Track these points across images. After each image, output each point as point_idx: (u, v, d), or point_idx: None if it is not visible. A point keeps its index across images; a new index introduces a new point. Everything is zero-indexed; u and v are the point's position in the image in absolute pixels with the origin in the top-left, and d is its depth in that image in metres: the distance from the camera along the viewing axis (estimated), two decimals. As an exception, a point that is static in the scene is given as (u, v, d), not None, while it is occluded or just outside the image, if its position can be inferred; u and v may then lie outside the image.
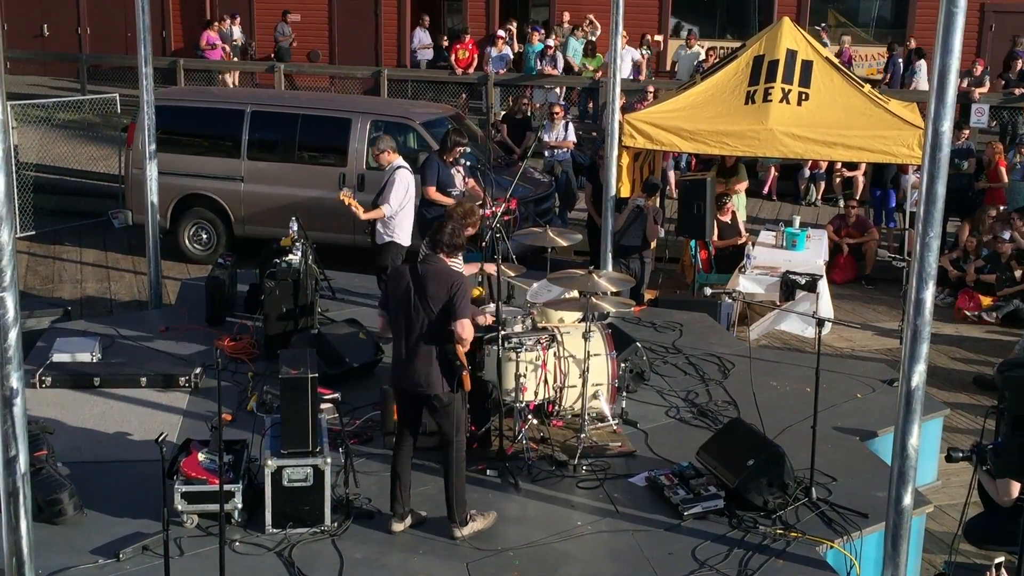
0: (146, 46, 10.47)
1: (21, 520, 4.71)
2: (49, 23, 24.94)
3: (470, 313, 6.45)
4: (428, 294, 6.38)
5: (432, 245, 6.70)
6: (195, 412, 8.15)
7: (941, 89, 5.44)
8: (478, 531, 6.54)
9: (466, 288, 6.47)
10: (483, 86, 19.69)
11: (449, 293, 6.35)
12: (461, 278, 6.53)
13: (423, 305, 6.39)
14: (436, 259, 6.58)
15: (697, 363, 9.41)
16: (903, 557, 6.04)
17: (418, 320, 6.40)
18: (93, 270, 13.96)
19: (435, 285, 6.39)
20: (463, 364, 6.38)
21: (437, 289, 6.37)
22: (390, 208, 9.60)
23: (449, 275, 6.47)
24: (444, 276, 6.44)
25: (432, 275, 6.44)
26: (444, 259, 6.59)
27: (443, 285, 6.38)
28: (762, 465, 6.80)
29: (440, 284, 6.39)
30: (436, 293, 6.36)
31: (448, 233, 6.62)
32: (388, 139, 10.10)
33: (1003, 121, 17.59)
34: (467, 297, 6.43)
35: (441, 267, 6.52)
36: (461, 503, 6.52)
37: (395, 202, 9.60)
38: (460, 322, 6.32)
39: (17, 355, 4.63)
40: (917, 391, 5.78)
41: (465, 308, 6.37)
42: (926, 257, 5.61)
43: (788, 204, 16.81)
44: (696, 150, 12.05)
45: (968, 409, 9.95)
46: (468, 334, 6.37)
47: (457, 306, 6.34)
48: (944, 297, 12.98)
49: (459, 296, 6.35)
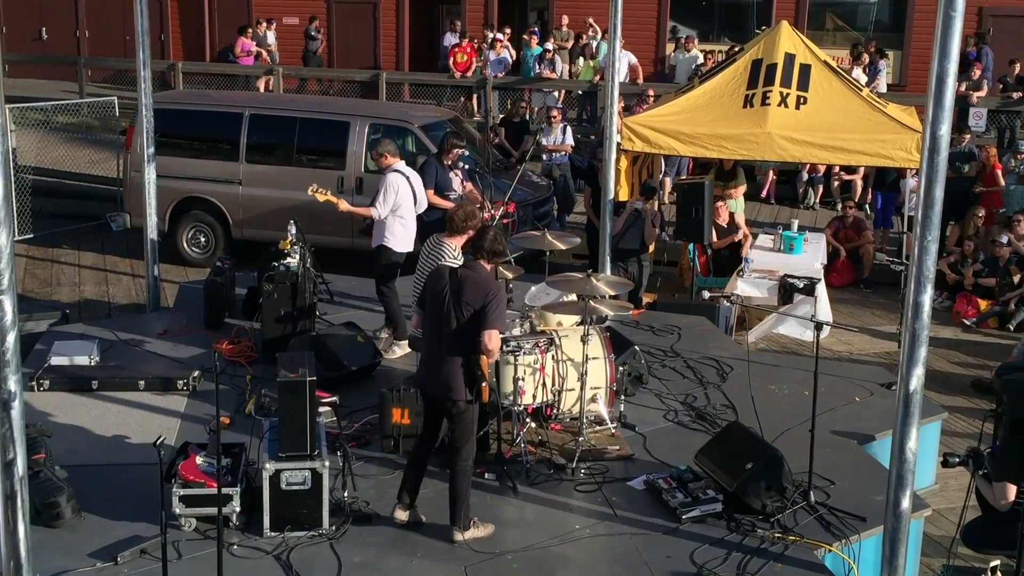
0: (145, 49, 10.46)
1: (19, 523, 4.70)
2: (48, 26, 24.94)
3: (501, 325, 6.41)
4: (463, 299, 6.36)
5: (474, 251, 6.65)
6: (193, 415, 8.14)
7: (939, 93, 5.44)
8: (477, 538, 6.53)
9: (501, 299, 6.41)
10: (481, 89, 19.71)
11: (484, 301, 6.32)
12: (498, 288, 6.47)
13: (456, 309, 6.38)
14: (477, 265, 6.55)
15: (695, 366, 9.41)
16: (901, 561, 6.04)
17: (449, 323, 6.39)
18: (91, 273, 13.96)
19: (471, 291, 6.37)
20: (484, 375, 6.35)
21: (473, 295, 6.35)
22: (378, 212, 9.42)
23: (487, 283, 6.43)
24: (482, 283, 6.42)
25: (470, 281, 6.43)
26: (485, 265, 6.56)
27: (479, 292, 6.36)
28: (760, 469, 6.80)
29: (477, 291, 6.37)
30: (471, 299, 6.34)
31: (490, 239, 6.58)
32: (387, 142, 9.99)
33: (1001, 125, 17.60)
34: (501, 308, 6.38)
35: (481, 274, 6.50)
36: (465, 509, 6.52)
37: (383, 207, 9.43)
38: (488, 332, 6.28)
39: (15, 358, 4.62)
40: (915, 395, 5.79)
41: (496, 319, 6.32)
42: (924, 261, 5.62)
43: (786, 208, 16.83)
44: (694, 154, 12.05)
45: (966, 413, 9.95)
46: (495, 345, 6.34)
47: (489, 315, 6.30)
48: (942, 301, 12.99)
49: (493, 305, 6.31)
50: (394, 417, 7.51)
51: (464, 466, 6.50)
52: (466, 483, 6.52)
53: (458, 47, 20.34)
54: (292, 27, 22.82)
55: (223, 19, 24.11)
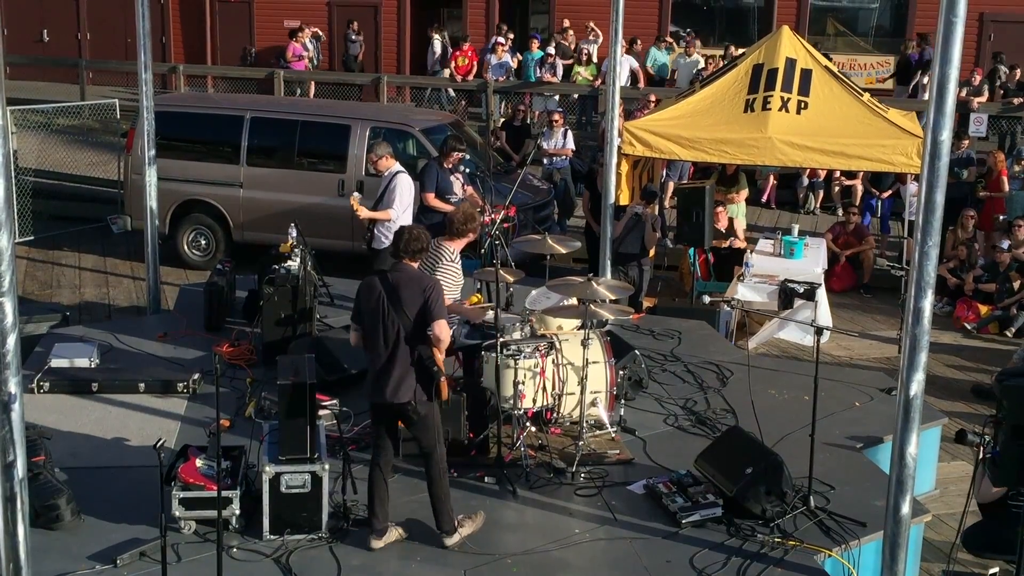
0: (146, 52, 10.48)
1: (18, 525, 4.70)
2: (49, 28, 24.97)
3: (445, 313, 6.39)
4: (402, 300, 6.32)
5: (395, 254, 6.55)
6: (193, 418, 8.14)
7: (940, 99, 5.45)
8: (468, 535, 6.52)
9: (440, 290, 6.41)
10: (483, 93, 19.71)
11: (424, 296, 6.30)
12: (434, 281, 6.51)
13: (397, 312, 6.33)
14: (404, 266, 6.50)
15: (695, 371, 9.41)
16: (901, 566, 6.04)
17: (393, 329, 6.33)
18: (92, 275, 13.97)
19: (408, 291, 6.33)
20: (440, 370, 6.32)
21: (411, 294, 6.32)
22: (395, 212, 9.59)
23: (421, 278, 6.45)
24: (416, 280, 6.41)
25: (404, 281, 6.39)
26: (411, 264, 6.52)
27: (416, 289, 6.33)
28: (760, 473, 6.79)
29: (413, 288, 6.34)
30: (410, 299, 6.31)
31: (405, 240, 6.49)
32: (385, 145, 10.09)
33: (1001, 131, 17.61)
34: (441, 298, 6.37)
35: (412, 272, 6.47)
36: (447, 512, 6.48)
37: (399, 206, 9.59)
38: (436, 323, 6.25)
39: (15, 360, 4.62)
40: (915, 400, 5.79)
41: (440, 309, 6.31)
42: (925, 266, 5.62)
43: (787, 212, 16.83)
44: (695, 158, 12.06)
45: (966, 418, 9.94)
46: (445, 335, 6.30)
47: (432, 307, 6.28)
48: (942, 306, 12.99)
49: (433, 297, 6.30)
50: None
51: (439, 470, 6.46)
52: (444, 486, 6.48)
53: (459, 51, 20.36)
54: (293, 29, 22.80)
55: (224, 22, 24.13)
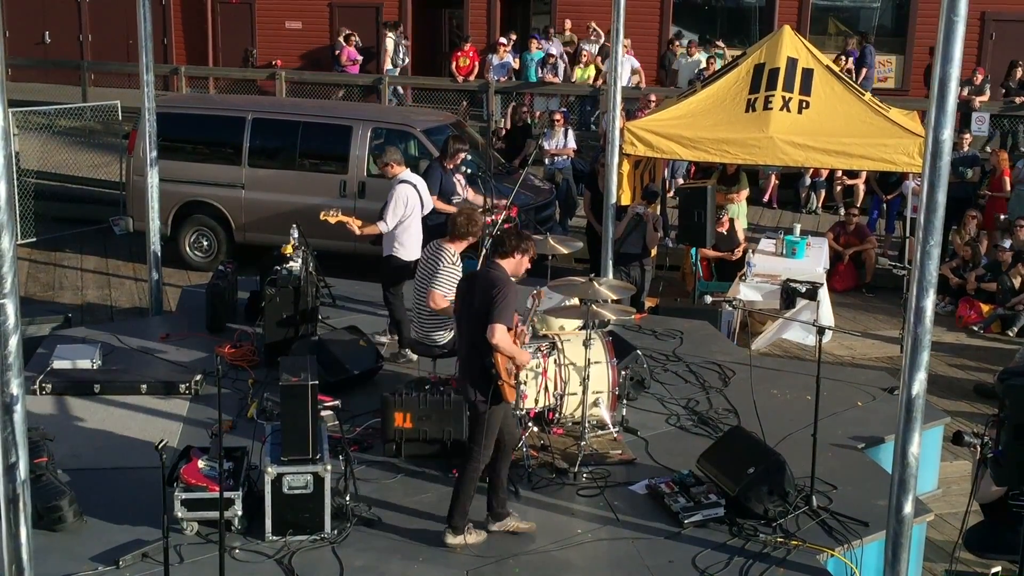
0: (148, 53, 10.48)
1: (21, 527, 4.70)
2: (51, 30, 24.99)
3: (506, 320, 6.28)
4: (475, 301, 6.37)
5: (490, 253, 6.70)
6: (195, 419, 8.14)
7: (941, 98, 5.45)
8: (468, 544, 6.49)
9: (507, 294, 6.30)
10: (484, 94, 19.72)
11: (490, 298, 6.28)
12: (505, 284, 6.37)
13: (469, 311, 6.41)
14: (494, 264, 6.55)
15: (698, 371, 9.41)
16: (903, 565, 6.03)
17: (468, 328, 6.43)
18: (94, 277, 13.98)
19: (481, 292, 6.36)
20: (498, 374, 6.26)
21: (482, 295, 6.34)
22: (386, 225, 9.37)
23: (495, 281, 6.38)
24: (490, 281, 6.39)
25: (480, 281, 6.44)
26: (498, 263, 6.53)
27: (487, 291, 6.33)
28: (763, 473, 6.79)
29: (485, 290, 6.35)
30: (481, 300, 6.33)
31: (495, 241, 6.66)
32: (393, 151, 9.90)
33: (1003, 130, 17.60)
34: (505, 303, 6.26)
35: (492, 274, 6.45)
36: (462, 513, 6.49)
37: (391, 219, 9.36)
38: (491, 326, 6.21)
39: (18, 362, 4.62)
40: (918, 399, 5.78)
41: (500, 313, 6.23)
42: (927, 265, 5.62)
43: (789, 212, 16.83)
44: (697, 158, 12.06)
45: (969, 418, 9.94)
46: (498, 339, 6.22)
47: (491, 311, 6.24)
48: (945, 305, 12.98)
49: (496, 300, 6.25)
50: (396, 421, 7.51)
51: (470, 469, 6.47)
52: (469, 487, 6.48)
53: (460, 51, 20.37)
54: (295, 31, 22.84)
55: (226, 23, 24.14)
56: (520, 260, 6.58)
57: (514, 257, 6.55)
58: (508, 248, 6.54)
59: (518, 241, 6.56)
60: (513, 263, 6.55)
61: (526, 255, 6.59)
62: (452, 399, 7.47)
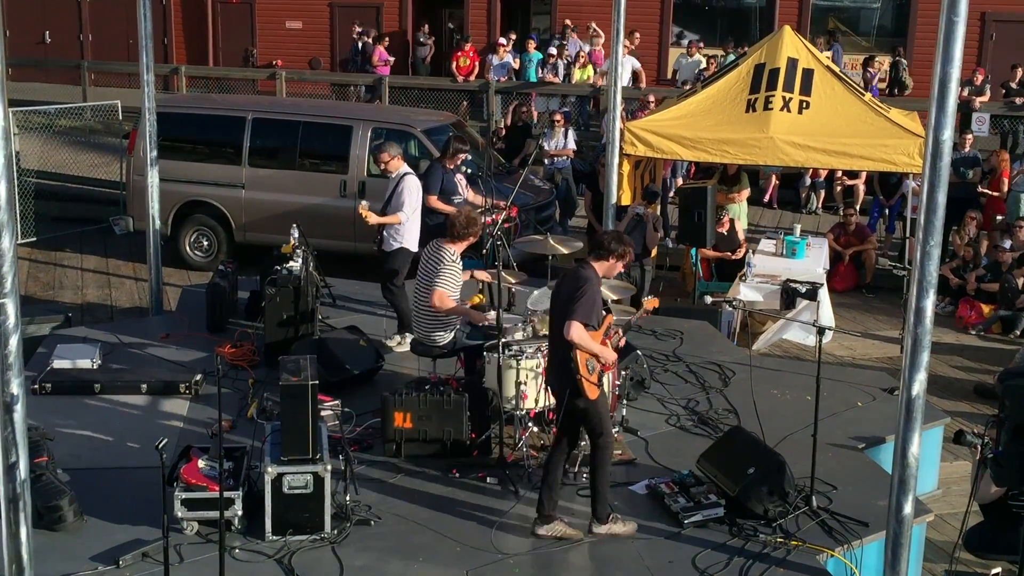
0: (148, 53, 10.48)
1: (21, 526, 4.70)
2: (51, 30, 24.99)
3: (583, 317, 6.33)
4: (560, 298, 6.50)
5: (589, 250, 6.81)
6: (195, 419, 8.15)
7: (942, 98, 5.45)
8: (616, 533, 6.60)
9: (588, 292, 6.38)
10: (484, 94, 19.72)
11: (572, 295, 6.39)
12: (588, 283, 6.45)
13: (555, 308, 6.55)
14: (585, 264, 6.65)
15: (698, 371, 9.41)
16: (903, 566, 6.03)
17: (556, 325, 6.54)
18: (94, 276, 13.98)
19: (566, 289, 6.48)
20: (577, 369, 6.31)
21: (567, 291, 6.45)
22: (404, 215, 9.57)
23: (579, 280, 6.48)
24: (574, 280, 6.50)
25: (567, 279, 6.56)
26: (591, 263, 6.62)
27: (572, 288, 6.44)
28: (763, 473, 6.80)
29: (570, 287, 6.46)
30: (565, 297, 6.44)
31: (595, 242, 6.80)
32: (396, 146, 10.03)
33: (1003, 130, 17.60)
34: (583, 300, 6.34)
35: (580, 272, 6.56)
36: (602, 501, 6.59)
37: (409, 209, 9.58)
38: (567, 322, 6.30)
39: (18, 361, 4.63)
40: (917, 400, 5.78)
41: (579, 310, 6.31)
42: (927, 266, 5.62)
43: (789, 212, 16.83)
44: (697, 158, 12.06)
45: (969, 418, 9.93)
46: (573, 335, 6.27)
47: (570, 307, 6.34)
48: (945, 306, 12.98)
49: (576, 297, 6.35)
50: (396, 421, 7.51)
51: (598, 459, 6.56)
52: (602, 477, 6.58)
53: (461, 51, 20.37)
54: (296, 31, 22.85)
55: (226, 23, 24.16)
56: (614, 264, 6.69)
57: (609, 261, 6.64)
58: (606, 251, 6.62)
59: (617, 245, 6.63)
60: (607, 266, 6.66)
61: (621, 260, 6.70)
62: (452, 399, 7.48)
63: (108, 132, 18.24)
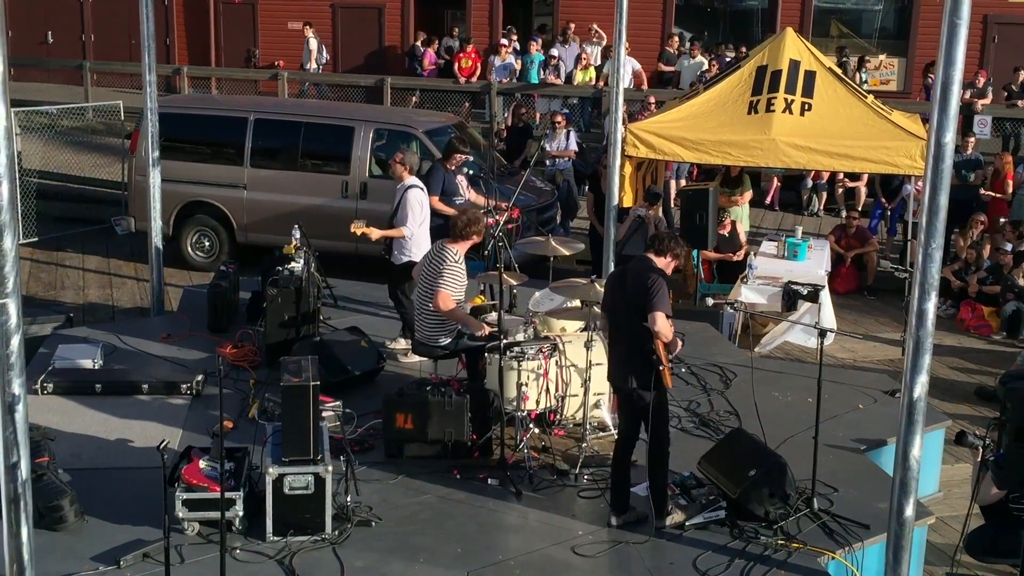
0: (150, 53, 10.49)
1: (22, 526, 4.70)
2: (53, 30, 25.00)
3: (665, 308, 6.48)
4: (628, 293, 6.59)
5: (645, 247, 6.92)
6: (196, 419, 8.15)
7: (944, 100, 5.45)
8: (677, 523, 6.70)
9: (662, 284, 6.54)
10: (486, 95, 19.71)
11: (645, 288, 6.49)
12: (658, 275, 6.60)
13: (624, 302, 6.62)
14: (644, 257, 6.76)
15: (699, 373, 9.40)
16: (904, 568, 6.03)
17: (623, 320, 6.63)
18: (95, 277, 13.98)
19: (634, 283, 6.59)
20: (660, 360, 6.44)
21: (636, 286, 6.56)
22: (409, 230, 9.48)
23: (648, 272, 6.61)
24: (643, 273, 6.61)
25: (634, 273, 6.66)
26: (652, 257, 6.72)
27: (641, 282, 6.54)
28: (764, 475, 6.79)
29: (639, 281, 6.56)
30: (635, 291, 6.54)
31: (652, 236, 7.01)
32: (412, 155, 9.93)
33: (1005, 133, 17.59)
34: (662, 292, 6.50)
35: (645, 264, 6.68)
36: (661, 496, 6.67)
37: (413, 223, 9.48)
38: (652, 315, 6.41)
39: (19, 361, 4.63)
40: (919, 402, 5.78)
41: (658, 302, 6.45)
42: (928, 268, 5.62)
43: (790, 215, 16.82)
44: (699, 160, 12.04)
45: (970, 420, 9.93)
46: (661, 326, 6.41)
47: (650, 300, 6.45)
48: (946, 308, 12.97)
49: (654, 290, 6.47)
50: (397, 422, 7.51)
51: (657, 456, 6.64)
52: (661, 475, 6.66)
53: (463, 53, 20.37)
54: (297, 31, 22.83)
55: (228, 23, 24.16)
56: (670, 262, 6.80)
57: (666, 257, 6.76)
58: (664, 248, 6.76)
59: (674, 244, 6.79)
60: (664, 262, 6.76)
61: (676, 260, 6.85)
62: (453, 400, 7.48)
63: (110, 132, 18.25)
